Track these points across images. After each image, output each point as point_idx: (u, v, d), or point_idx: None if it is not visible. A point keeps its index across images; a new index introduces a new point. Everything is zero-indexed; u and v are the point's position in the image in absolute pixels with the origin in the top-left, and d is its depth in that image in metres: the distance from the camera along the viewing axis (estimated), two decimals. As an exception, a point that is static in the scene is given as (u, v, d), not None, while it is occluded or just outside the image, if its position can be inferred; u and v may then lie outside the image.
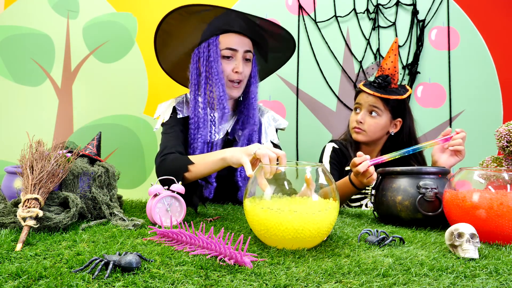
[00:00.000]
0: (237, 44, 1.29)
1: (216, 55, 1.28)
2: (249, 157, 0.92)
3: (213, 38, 1.29)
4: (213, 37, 1.29)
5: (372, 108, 1.50)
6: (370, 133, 1.52)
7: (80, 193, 0.88)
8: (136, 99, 1.97)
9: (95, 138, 1.03)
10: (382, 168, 1.07)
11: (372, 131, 1.52)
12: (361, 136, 1.53)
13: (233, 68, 1.30)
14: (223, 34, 1.29)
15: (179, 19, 1.28)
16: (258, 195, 0.72)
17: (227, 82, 1.31)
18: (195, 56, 1.32)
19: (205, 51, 1.29)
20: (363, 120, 1.52)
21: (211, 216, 1.03)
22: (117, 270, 0.54)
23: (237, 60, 1.30)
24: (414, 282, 0.55)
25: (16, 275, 0.52)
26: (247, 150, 0.94)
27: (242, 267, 0.58)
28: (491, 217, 0.76)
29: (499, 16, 2.15)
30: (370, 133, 1.52)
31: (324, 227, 0.69)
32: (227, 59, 1.30)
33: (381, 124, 1.52)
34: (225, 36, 1.29)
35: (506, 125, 1.04)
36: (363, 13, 2.09)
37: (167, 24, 1.29)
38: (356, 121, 1.53)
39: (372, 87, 1.52)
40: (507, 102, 2.14)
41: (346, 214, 1.16)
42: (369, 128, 1.52)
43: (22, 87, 1.89)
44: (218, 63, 1.28)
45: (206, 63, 1.29)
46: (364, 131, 1.52)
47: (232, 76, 1.30)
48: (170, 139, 1.25)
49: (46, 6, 1.92)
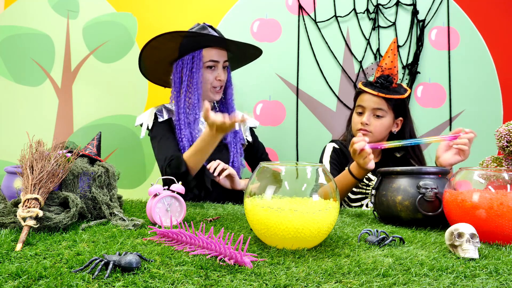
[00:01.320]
0: (218, 56, 1.50)
1: (198, 66, 1.47)
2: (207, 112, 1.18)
3: (197, 51, 1.48)
4: (197, 51, 1.48)
5: (377, 109, 1.50)
6: (376, 134, 1.52)
7: (80, 193, 0.88)
8: (136, 99, 1.97)
9: (95, 138, 1.03)
10: (382, 168, 1.07)
11: (378, 132, 1.52)
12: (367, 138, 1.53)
13: (216, 76, 1.50)
14: (205, 48, 1.48)
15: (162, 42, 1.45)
16: (258, 194, 0.72)
17: (211, 88, 1.51)
18: (178, 67, 1.51)
19: (189, 63, 1.48)
20: (369, 122, 1.51)
21: (211, 216, 1.03)
22: (117, 270, 0.54)
23: (219, 70, 1.51)
24: (414, 282, 0.55)
25: (16, 275, 0.52)
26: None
27: (242, 267, 0.58)
28: (491, 217, 0.76)
29: (499, 16, 2.15)
30: (376, 134, 1.52)
31: (324, 227, 0.69)
32: (210, 69, 1.50)
33: (386, 124, 1.52)
34: (207, 50, 1.48)
35: (506, 125, 1.04)
36: (363, 13, 2.09)
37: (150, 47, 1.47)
38: (362, 123, 1.52)
39: (376, 87, 1.51)
40: (507, 102, 2.14)
41: (346, 214, 1.16)
42: (375, 129, 1.51)
43: (22, 87, 1.89)
44: (199, 74, 1.48)
45: (188, 73, 1.48)
46: (370, 132, 1.51)
47: (215, 83, 1.51)
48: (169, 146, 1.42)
49: (46, 6, 1.92)
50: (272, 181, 0.72)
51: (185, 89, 1.48)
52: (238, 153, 1.54)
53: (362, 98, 1.53)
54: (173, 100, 1.51)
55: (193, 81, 1.47)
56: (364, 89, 1.52)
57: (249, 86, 2.01)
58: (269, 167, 0.74)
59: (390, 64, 1.52)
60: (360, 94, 1.55)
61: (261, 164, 0.75)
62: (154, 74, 1.62)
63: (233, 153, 1.52)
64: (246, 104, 1.99)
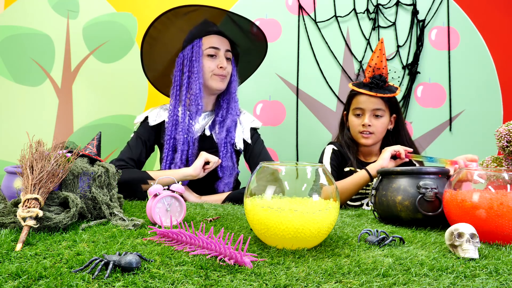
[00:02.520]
0: (219, 43, 1.47)
1: (198, 55, 1.44)
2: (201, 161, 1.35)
3: (197, 40, 1.45)
4: (197, 40, 1.45)
5: (377, 109, 1.52)
6: (378, 134, 1.55)
7: (80, 193, 0.88)
8: (136, 99, 1.97)
9: (95, 138, 1.03)
10: (381, 168, 1.07)
11: (380, 132, 1.55)
12: (371, 139, 1.54)
13: (218, 64, 1.46)
14: (205, 36, 1.46)
15: (166, 24, 1.43)
16: (258, 194, 0.72)
17: (213, 76, 1.47)
18: (179, 60, 1.48)
19: (188, 53, 1.46)
20: (371, 123, 1.52)
21: (211, 216, 1.03)
22: (117, 270, 0.54)
23: (220, 57, 1.47)
24: (414, 282, 0.55)
25: (16, 275, 0.52)
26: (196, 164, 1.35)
27: (242, 267, 0.58)
28: (491, 217, 0.76)
29: (499, 16, 2.15)
30: (378, 134, 1.54)
31: (324, 227, 0.69)
32: (211, 57, 1.46)
33: (386, 123, 1.55)
34: (207, 38, 1.46)
35: (506, 125, 1.04)
36: (363, 13, 2.09)
37: (154, 29, 1.44)
38: (364, 125, 1.52)
39: (372, 88, 1.51)
40: (507, 102, 2.14)
41: (346, 214, 1.16)
42: (377, 130, 1.53)
43: (22, 87, 1.89)
44: (199, 62, 1.44)
45: (188, 63, 1.45)
46: (373, 133, 1.53)
47: (217, 71, 1.46)
48: (130, 151, 1.44)
49: (46, 6, 1.92)
50: (272, 181, 0.72)
51: (186, 80, 1.45)
52: (228, 155, 1.49)
53: (359, 100, 1.53)
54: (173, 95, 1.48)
55: (194, 70, 1.44)
56: (360, 91, 1.52)
57: (249, 86, 2.00)
58: (269, 167, 0.74)
59: (380, 64, 1.53)
60: (355, 96, 1.55)
61: (261, 164, 0.75)
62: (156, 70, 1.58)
63: (222, 154, 1.48)
64: (246, 104, 1.99)
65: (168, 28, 1.44)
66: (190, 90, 1.45)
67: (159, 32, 1.45)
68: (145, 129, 1.49)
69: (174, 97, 1.47)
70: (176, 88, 1.47)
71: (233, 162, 1.51)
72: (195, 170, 1.34)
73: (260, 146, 1.59)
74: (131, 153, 1.43)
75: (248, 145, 1.57)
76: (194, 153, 1.46)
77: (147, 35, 1.44)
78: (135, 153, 1.44)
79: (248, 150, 1.57)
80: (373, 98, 1.50)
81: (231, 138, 1.52)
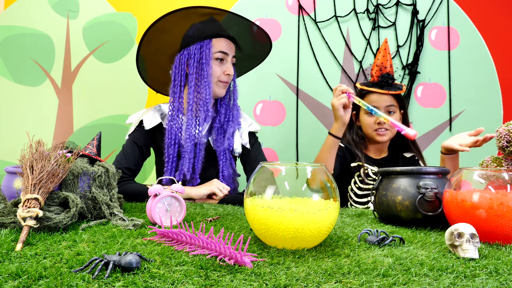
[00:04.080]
0: (228, 48, 1.40)
1: (208, 58, 1.35)
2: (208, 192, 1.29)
3: (207, 41, 1.35)
4: (207, 40, 1.35)
5: (390, 105, 1.59)
6: (393, 130, 1.61)
7: (80, 193, 0.88)
8: (136, 99, 1.97)
9: (95, 138, 1.03)
10: (381, 168, 1.07)
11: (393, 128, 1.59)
12: (386, 136, 1.61)
13: (224, 71, 1.39)
14: (215, 38, 1.37)
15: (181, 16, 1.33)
16: (258, 194, 0.72)
17: (218, 82, 1.40)
18: (183, 57, 1.37)
19: (196, 53, 1.35)
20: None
21: (211, 216, 1.03)
22: (117, 270, 0.54)
23: (228, 63, 1.40)
24: (414, 282, 0.55)
25: (16, 275, 0.52)
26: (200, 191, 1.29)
27: (242, 267, 0.58)
28: (491, 217, 0.76)
29: (499, 16, 2.15)
30: (393, 130, 1.61)
31: (324, 227, 0.69)
32: (219, 61, 1.39)
33: (397, 119, 1.62)
34: (217, 40, 1.38)
35: (506, 125, 1.04)
36: (363, 13, 2.09)
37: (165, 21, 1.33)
38: (380, 123, 1.58)
39: (383, 86, 1.58)
40: (507, 102, 2.14)
41: (346, 214, 1.16)
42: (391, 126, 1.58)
43: (22, 87, 1.89)
44: (209, 66, 1.35)
45: (196, 65, 1.35)
46: (388, 130, 1.60)
47: (223, 78, 1.40)
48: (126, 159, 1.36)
49: (46, 6, 1.92)
50: (272, 181, 0.72)
51: (194, 83, 1.35)
52: (228, 162, 1.43)
53: (370, 99, 1.60)
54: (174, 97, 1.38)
55: (204, 73, 1.34)
56: (372, 90, 1.59)
57: (249, 86, 2.01)
58: (269, 167, 0.74)
59: (386, 63, 1.58)
60: (366, 95, 1.60)
61: (261, 164, 0.75)
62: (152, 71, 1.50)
63: (222, 162, 1.42)
64: (246, 104, 1.99)
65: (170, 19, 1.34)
66: (198, 95, 1.35)
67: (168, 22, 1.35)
68: (141, 134, 1.41)
69: (176, 99, 1.38)
70: (177, 87, 1.38)
71: (233, 168, 1.47)
72: (197, 196, 1.29)
73: (257, 150, 1.54)
74: (127, 161, 1.36)
75: (245, 149, 1.52)
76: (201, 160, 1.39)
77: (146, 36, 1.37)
78: (132, 161, 1.37)
79: (245, 154, 1.52)
80: (385, 95, 1.57)
81: (229, 145, 1.46)
